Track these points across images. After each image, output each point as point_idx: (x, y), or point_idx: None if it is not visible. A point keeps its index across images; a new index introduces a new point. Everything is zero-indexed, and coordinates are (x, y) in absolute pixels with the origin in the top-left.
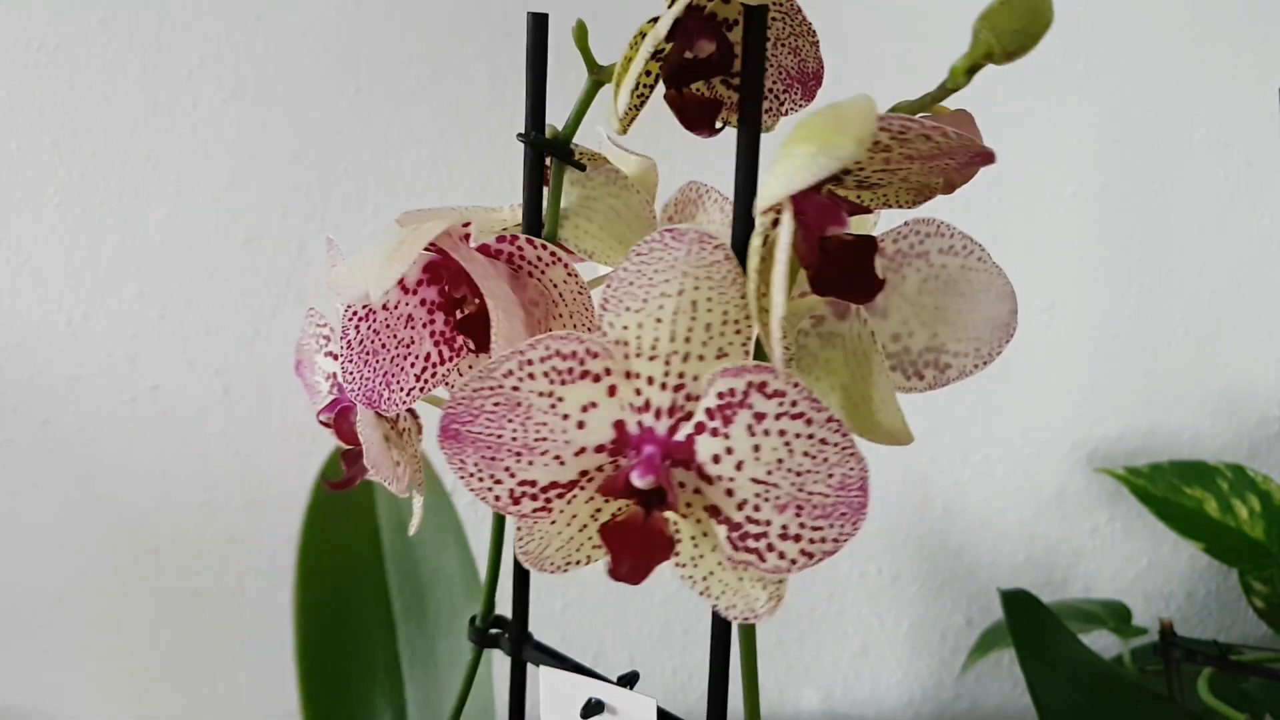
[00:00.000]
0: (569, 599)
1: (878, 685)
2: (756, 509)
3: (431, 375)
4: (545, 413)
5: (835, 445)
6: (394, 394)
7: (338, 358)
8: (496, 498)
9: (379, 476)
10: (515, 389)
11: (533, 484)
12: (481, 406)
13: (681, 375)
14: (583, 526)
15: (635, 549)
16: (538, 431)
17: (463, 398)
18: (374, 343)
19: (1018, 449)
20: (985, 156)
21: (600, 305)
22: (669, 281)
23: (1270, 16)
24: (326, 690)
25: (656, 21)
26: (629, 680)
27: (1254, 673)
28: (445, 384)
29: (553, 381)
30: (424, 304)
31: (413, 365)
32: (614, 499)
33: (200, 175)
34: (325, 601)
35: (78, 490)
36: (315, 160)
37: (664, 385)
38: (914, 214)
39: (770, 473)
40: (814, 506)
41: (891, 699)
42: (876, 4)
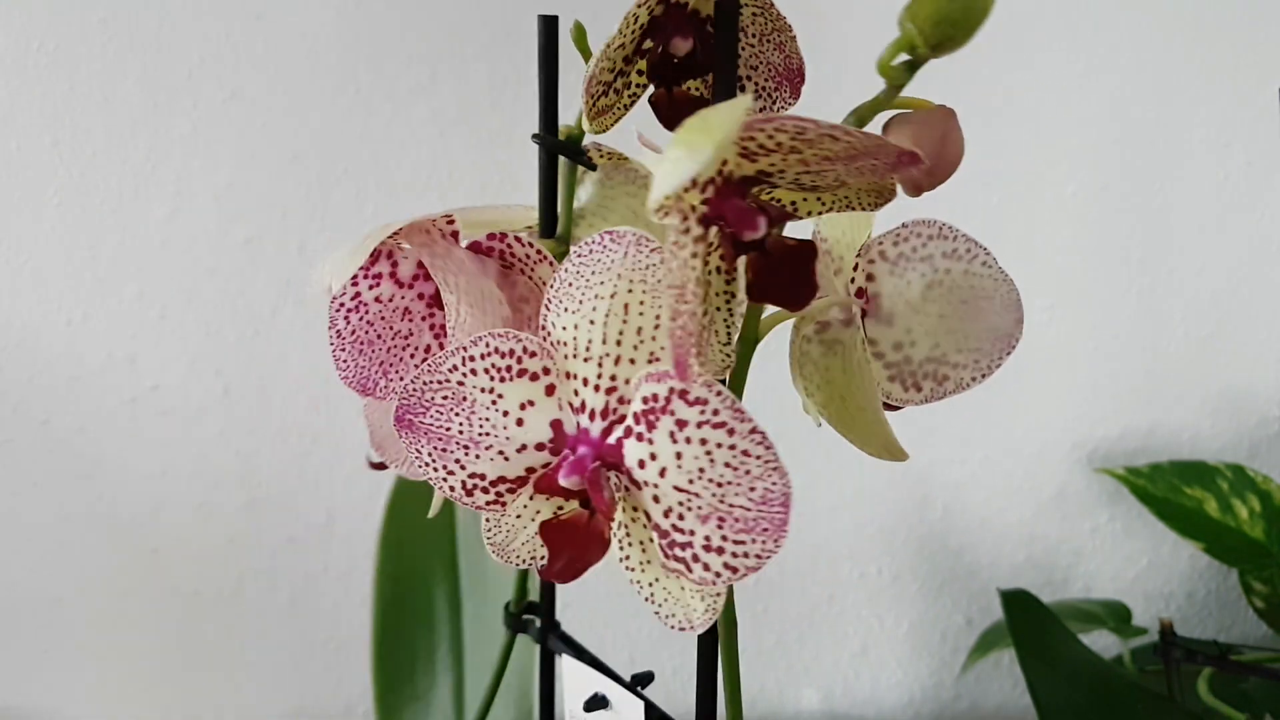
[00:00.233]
0: (569, 598)
1: (878, 685)
2: (681, 518)
3: None
4: (488, 408)
5: (758, 458)
6: (391, 383)
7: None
8: (451, 488)
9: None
10: (460, 384)
11: (482, 477)
12: (431, 399)
13: (614, 378)
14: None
15: (571, 548)
16: (481, 426)
17: (414, 389)
18: (368, 333)
19: (1018, 449)
20: (910, 158)
21: (544, 305)
22: (604, 284)
23: (1270, 16)
24: (394, 656)
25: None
26: (643, 680)
27: (1254, 673)
28: None
29: (493, 378)
30: (421, 298)
31: (412, 356)
32: (551, 497)
33: (200, 175)
34: (401, 573)
35: (78, 490)
36: (315, 160)
37: (597, 387)
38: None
39: (692, 481)
40: (735, 520)
41: (891, 699)
42: (876, 5)
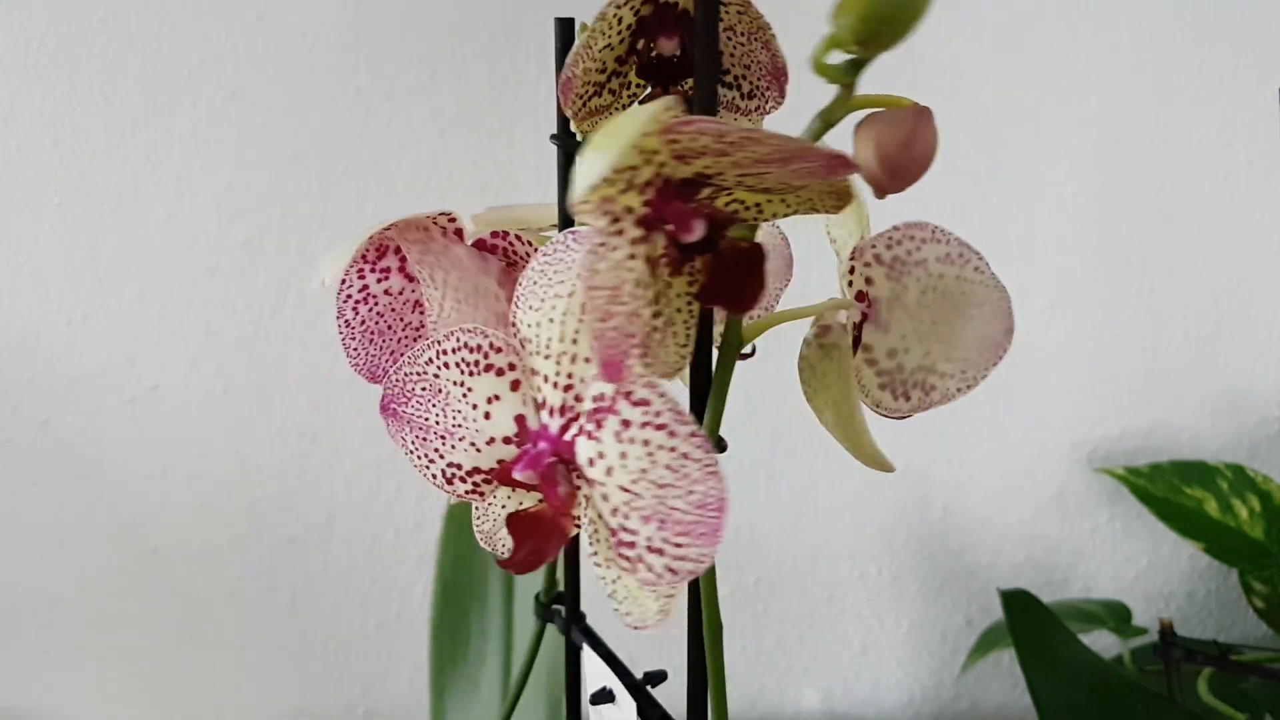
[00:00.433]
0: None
1: (878, 685)
2: (627, 517)
3: None
4: (459, 401)
5: (697, 461)
6: None
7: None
8: (433, 476)
9: None
10: (436, 376)
11: (459, 467)
12: (412, 390)
13: (570, 376)
14: None
15: (534, 539)
16: (453, 419)
17: (398, 380)
18: (379, 324)
19: (1018, 449)
20: (841, 163)
21: (513, 302)
22: (563, 283)
23: (1270, 16)
24: (451, 636)
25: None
26: (654, 678)
27: (1254, 673)
28: None
29: (464, 372)
30: None
31: None
32: (525, 490)
33: (200, 175)
34: (461, 556)
35: (78, 490)
36: (315, 160)
37: (556, 384)
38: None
39: (635, 481)
40: (675, 522)
41: (891, 699)
42: None
